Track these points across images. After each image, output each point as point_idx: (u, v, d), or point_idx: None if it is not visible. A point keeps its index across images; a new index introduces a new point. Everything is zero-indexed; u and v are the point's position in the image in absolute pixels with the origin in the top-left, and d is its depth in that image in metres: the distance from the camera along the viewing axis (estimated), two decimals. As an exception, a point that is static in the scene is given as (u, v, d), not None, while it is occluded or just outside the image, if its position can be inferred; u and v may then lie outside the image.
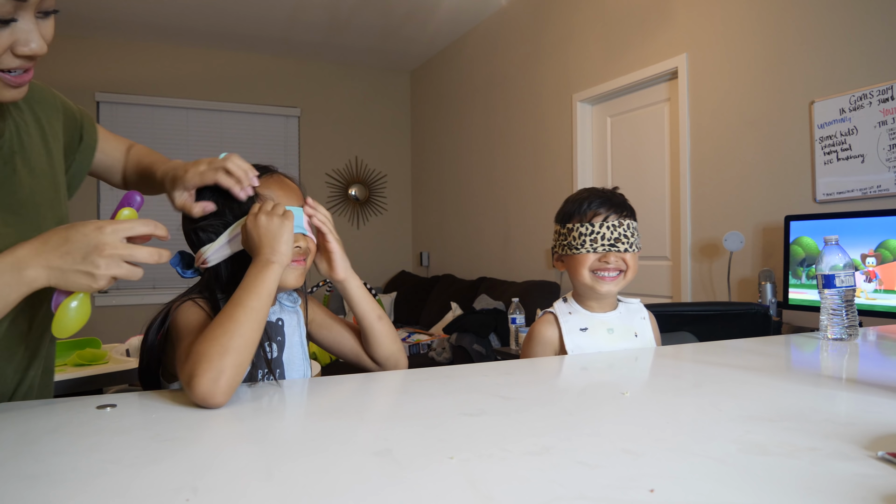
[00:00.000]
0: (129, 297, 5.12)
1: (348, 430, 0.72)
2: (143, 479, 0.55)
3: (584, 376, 1.06)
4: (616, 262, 1.31)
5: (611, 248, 1.30)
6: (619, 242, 1.30)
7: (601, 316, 1.35)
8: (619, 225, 1.31)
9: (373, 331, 1.12)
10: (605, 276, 1.30)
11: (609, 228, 1.30)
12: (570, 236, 1.33)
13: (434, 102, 5.82)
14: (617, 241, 1.30)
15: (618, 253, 1.30)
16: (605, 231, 1.30)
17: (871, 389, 0.85)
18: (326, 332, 1.17)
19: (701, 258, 3.05)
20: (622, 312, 1.37)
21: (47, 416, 0.77)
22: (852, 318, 1.29)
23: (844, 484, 0.51)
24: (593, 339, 1.31)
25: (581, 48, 3.84)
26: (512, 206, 4.57)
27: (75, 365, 2.07)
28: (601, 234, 1.30)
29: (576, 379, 1.04)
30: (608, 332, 1.33)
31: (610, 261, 1.30)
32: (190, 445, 0.66)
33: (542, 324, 1.37)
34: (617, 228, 1.30)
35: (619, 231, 1.30)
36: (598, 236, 1.31)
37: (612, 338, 1.32)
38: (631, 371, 1.09)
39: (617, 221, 1.31)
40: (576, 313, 1.35)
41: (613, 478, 0.54)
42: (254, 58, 5.63)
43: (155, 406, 0.81)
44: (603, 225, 1.30)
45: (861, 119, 2.34)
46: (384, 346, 1.13)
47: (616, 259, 1.30)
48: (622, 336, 1.33)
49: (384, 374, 1.03)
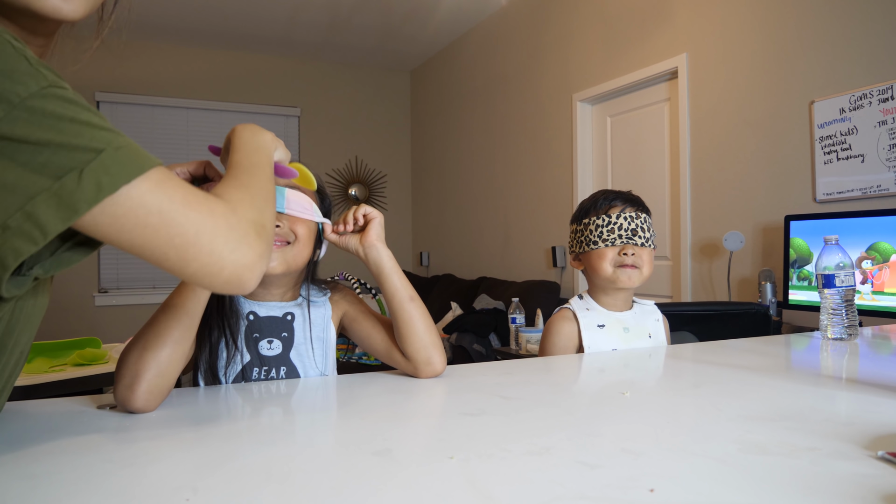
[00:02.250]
0: (129, 297, 5.12)
1: (348, 430, 0.72)
2: (143, 479, 0.55)
3: (585, 376, 1.06)
4: (634, 258, 1.29)
5: (629, 241, 1.29)
6: (637, 235, 1.29)
7: (617, 315, 1.34)
8: (636, 217, 1.30)
9: (402, 313, 0.98)
10: (627, 268, 1.29)
11: (626, 219, 1.29)
12: (586, 231, 1.32)
13: (434, 102, 5.82)
14: (634, 233, 1.29)
15: (635, 246, 1.29)
16: (622, 222, 1.29)
17: (870, 389, 0.85)
18: (357, 326, 1.08)
19: (701, 258, 3.05)
20: (637, 313, 1.36)
21: (47, 416, 0.77)
22: (852, 318, 1.29)
23: (844, 484, 0.51)
24: (609, 337, 1.31)
25: (581, 48, 3.84)
26: (512, 206, 4.57)
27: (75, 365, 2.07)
28: (619, 224, 1.29)
29: (576, 379, 1.04)
30: (624, 330, 1.32)
31: (628, 252, 1.29)
32: (190, 445, 0.66)
33: (560, 320, 1.35)
34: (634, 220, 1.29)
35: (637, 223, 1.29)
36: (616, 226, 1.29)
37: (628, 336, 1.32)
38: (631, 371, 1.09)
39: (634, 213, 1.30)
40: (593, 310, 1.34)
41: (613, 478, 0.54)
42: (254, 58, 5.63)
43: (155, 406, 0.81)
44: (620, 216, 1.29)
45: (861, 119, 2.34)
46: (415, 335, 0.98)
47: (635, 252, 1.29)
48: (637, 336, 1.33)
49: (384, 374, 1.03)
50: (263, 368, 1.00)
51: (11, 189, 0.51)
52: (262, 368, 1.00)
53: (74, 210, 0.53)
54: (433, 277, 5.49)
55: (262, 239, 0.63)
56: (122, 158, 0.55)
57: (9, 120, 0.51)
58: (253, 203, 0.66)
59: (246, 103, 5.59)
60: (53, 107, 0.53)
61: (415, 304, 0.99)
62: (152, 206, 0.56)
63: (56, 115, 0.53)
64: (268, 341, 1.01)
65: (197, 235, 0.58)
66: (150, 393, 0.78)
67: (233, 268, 0.60)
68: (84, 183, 0.52)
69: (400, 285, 1.00)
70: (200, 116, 5.46)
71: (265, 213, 0.67)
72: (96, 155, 0.53)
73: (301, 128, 5.82)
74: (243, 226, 0.62)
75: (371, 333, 1.06)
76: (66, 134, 0.53)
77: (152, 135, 5.23)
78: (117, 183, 0.54)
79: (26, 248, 0.53)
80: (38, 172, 0.52)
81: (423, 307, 1.01)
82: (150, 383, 0.78)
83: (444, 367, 1.00)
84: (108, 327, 4.92)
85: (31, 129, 0.51)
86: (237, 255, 0.60)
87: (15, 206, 0.52)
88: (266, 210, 0.68)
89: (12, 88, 0.51)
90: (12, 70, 0.52)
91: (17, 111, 0.51)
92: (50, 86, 0.54)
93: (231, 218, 0.61)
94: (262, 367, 1.00)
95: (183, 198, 0.58)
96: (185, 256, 0.58)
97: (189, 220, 0.58)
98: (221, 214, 0.60)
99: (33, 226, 0.52)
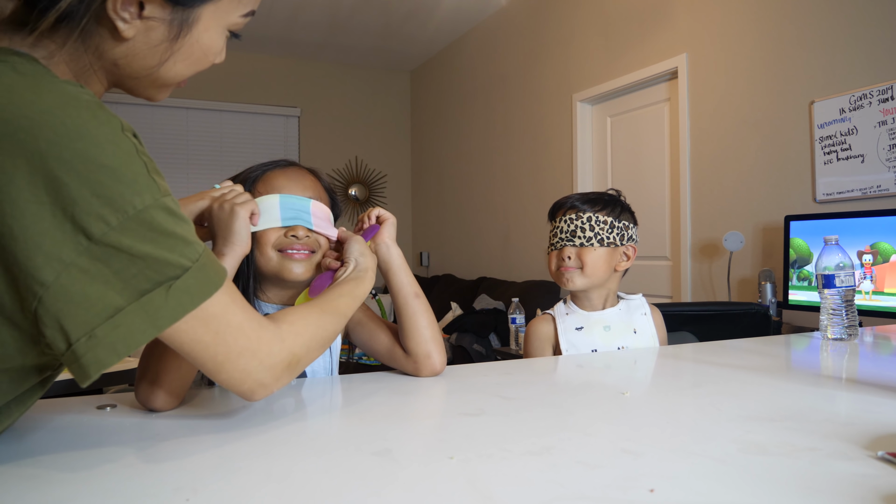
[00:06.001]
0: (129, 297, 5.11)
1: (348, 430, 0.72)
2: (143, 479, 0.55)
3: (585, 376, 1.06)
4: (573, 261, 1.30)
5: (568, 243, 1.30)
6: (575, 237, 1.30)
7: (598, 314, 1.35)
8: (576, 218, 1.30)
9: (407, 308, 1.00)
10: (566, 271, 1.31)
11: (566, 222, 1.31)
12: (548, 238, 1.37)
13: (434, 102, 5.82)
14: (573, 234, 1.30)
15: (574, 247, 1.30)
16: (562, 225, 1.31)
17: (871, 389, 0.85)
18: (361, 329, 1.08)
19: (701, 258, 3.05)
20: (622, 309, 1.37)
21: (47, 416, 0.77)
22: (852, 318, 1.29)
23: (844, 484, 0.51)
24: (589, 337, 1.32)
25: (581, 48, 3.84)
26: (512, 206, 4.57)
27: (75, 365, 2.06)
28: (560, 227, 1.32)
29: (576, 379, 1.04)
30: (604, 329, 1.33)
31: (564, 256, 1.31)
32: (190, 445, 0.66)
33: (538, 322, 1.38)
34: (574, 221, 1.30)
35: (578, 224, 1.30)
36: (557, 230, 1.33)
37: (609, 335, 1.32)
38: (631, 371, 1.09)
39: (575, 214, 1.31)
40: (573, 313, 1.36)
41: (613, 478, 0.54)
42: (254, 58, 5.63)
43: (155, 406, 0.81)
44: (562, 220, 1.32)
45: (861, 119, 2.34)
46: (418, 330, 0.99)
47: (571, 255, 1.30)
48: (619, 333, 1.33)
49: (384, 374, 1.03)
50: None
51: (102, 297, 0.53)
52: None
53: (158, 326, 0.55)
54: (433, 277, 5.49)
55: (290, 371, 0.69)
56: (203, 277, 0.58)
57: (120, 230, 0.53)
58: (308, 342, 0.72)
59: (246, 103, 5.59)
60: (160, 220, 0.55)
61: (419, 301, 1.02)
62: (211, 326, 0.60)
63: (160, 230, 0.55)
64: None
65: (238, 356, 0.63)
66: (171, 393, 0.79)
67: (251, 384, 0.66)
68: (170, 300, 0.55)
69: (407, 282, 1.02)
70: (200, 116, 5.46)
71: (309, 353, 0.72)
72: (183, 272, 0.56)
73: (301, 128, 5.82)
74: (282, 356, 0.67)
75: (374, 336, 1.07)
76: (163, 248, 0.55)
77: (152, 135, 5.23)
78: (196, 302, 0.58)
79: (110, 360, 0.54)
80: (129, 282, 0.54)
81: (427, 304, 1.03)
82: (171, 384, 0.79)
83: (444, 365, 1.01)
84: (108, 327, 4.92)
85: (135, 241, 0.53)
86: (261, 377, 0.66)
87: (104, 316, 0.53)
88: (312, 350, 0.73)
89: (130, 199, 0.53)
90: (134, 178, 0.54)
91: (131, 223, 0.53)
92: (162, 196, 0.56)
93: (274, 347, 0.66)
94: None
95: (239, 324, 0.62)
96: (220, 368, 0.63)
97: (237, 343, 0.62)
98: (267, 343, 0.65)
99: (118, 338, 0.53)
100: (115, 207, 0.52)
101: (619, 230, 1.32)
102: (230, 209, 0.86)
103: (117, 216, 0.52)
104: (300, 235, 0.97)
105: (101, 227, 0.52)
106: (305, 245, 0.98)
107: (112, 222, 0.52)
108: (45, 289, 0.51)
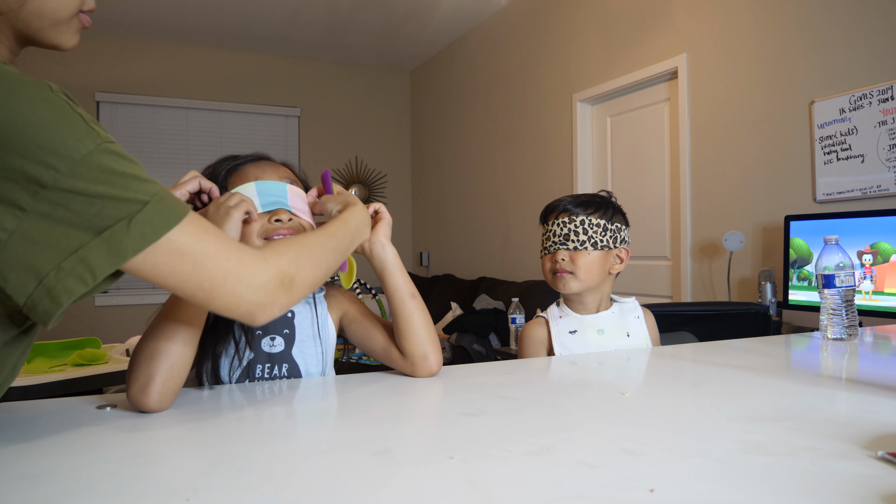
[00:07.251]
0: (129, 297, 5.12)
1: (348, 430, 0.72)
2: (143, 479, 0.55)
3: (585, 376, 1.06)
4: (565, 264, 1.30)
5: (561, 246, 1.30)
6: (569, 240, 1.29)
7: (591, 318, 1.35)
8: (569, 221, 1.30)
9: (403, 309, 0.99)
10: (561, 275, 1.31)
11: (559, 225, 1.31)
12: (540, 242, 1.37)
13: (434, 102, 5.82)
14: (567, 237, 1.30)
15: (568, 251, 1.30)
16: (555, 228, 1.31)
17: (870, 389, 0.85)
18: (357, 327, 1.08)
19: (701, 258, 3.05)
20: (615, 312, 1.37)
21: (47, 416, 0.77)
22: (852, 318, 1.29)
23: (844, 484, 0.51)
24: (582, 341, 1.32)
25: (581, 48, 3.84)
26: (512, 206, 4.57)
27: (75, 365, 2.07)
28: (553, 231, 1.32)
29: (576, 379, 1.04)
30: (598, 332, 1.33)
31: (557, 259, 1.30)
32: (190, 445, 0.66)
33: (532, 325, 1.39)
34: (567, 224, 1.30)
35: (571, 227, 1.29)
36: (550, 234, 1.32)
37: (602, 338, 1.32)
38: (631, 371, 1.09)
39: (568, 218, 1.30)
40: (566, 317, 1.36)
41: (613, 478, 0.54)
42: (254, 58, 5.63)
43: (155, 406, 0.81)
44: (554, 223, 1.31)
45: (861, 119, 2.34)
46: (414, 331, 0.98)
47: (565, 258, 1.30)
48: (613, 336, 1.33)
49: (384, 374, 1.03)
50: (267, 365, 1.01)
51: (66, 236, 0.58)
52: (266, 365, 1.00)
53: (122, 256, 0.60)
54: (433, 277, 5.49)
55: (285, 290, 0.72)
56: (163, 209, 0.62)
57: (70, 174, 0.57)
58: (295, 260, 0.74)
59: (246, 103, 5.59)
60: (108, 162, 0.60)
61: (415, 302, 1.01)
62: (187, 254, 0.63)
63: (110, 170, 0.59)
64: (270, 338, 1.02)
65: (224, 280, 0.66)
66: (163, 394, 0.79)
67: (248, 306, 0.69)
68: (132, 232, 0.59)
69: (402, 282, 1.01)
70: (200, 116, 5.46)
71: (302, 272, 0.75)
72: (142, 206, 0.60)
73: (301, 128, 5.82)
74: (270, 275, 0.70)
75: (370, 334, 1.06)
76: (117, 187, 0.59)
77: (152, 135, 5.23)
78: (159, 232, 0.61)
79: (78, 288, 0.59)
80: (90, 221, 0.58)
81: (423, 305, 1.02)
82: (163, 385, 0.79)
83: (440, 366, 1.01)
84: (108, 327, 4.92)
85: (88, 183, 0.58)
86: (254, 297, 0.68)
87: (69, 251, 0.58)
88: (305, 269, 0.75)
89: (74, 146, 0.58)
90: (72, 128, 0.58)
91: (79, 167, 0.58)
92: (104, 142, 0.60)
93: (259, 267, 0.69)
94: (265, 363, 1.01)
95: (215, 247, 0.66)
96: (210, 296, 0.66)
97: (219, 267, 0.65)
98: (250, 265, 0.68)
99: (85, 269, 0.58)
100: (62, 155, 0.57)
101: (612, 233, 1.32)
102: (225, 211, 0.88)
103: (64, 162, 0.57)
104: (284, 219, 0.97)
105: (52, 175, 0.56)
106: (290, 228, 0.98)
107: (61, 168, 0.56)
108: (8, 233, 0.56)
